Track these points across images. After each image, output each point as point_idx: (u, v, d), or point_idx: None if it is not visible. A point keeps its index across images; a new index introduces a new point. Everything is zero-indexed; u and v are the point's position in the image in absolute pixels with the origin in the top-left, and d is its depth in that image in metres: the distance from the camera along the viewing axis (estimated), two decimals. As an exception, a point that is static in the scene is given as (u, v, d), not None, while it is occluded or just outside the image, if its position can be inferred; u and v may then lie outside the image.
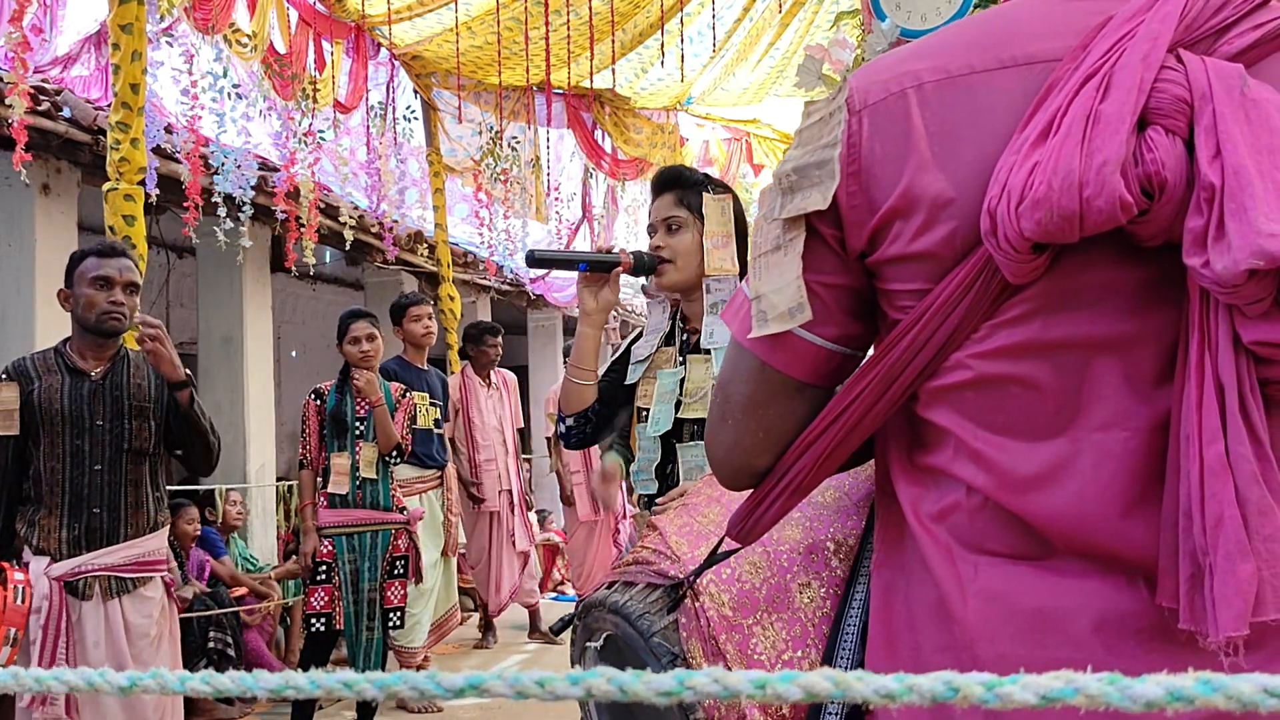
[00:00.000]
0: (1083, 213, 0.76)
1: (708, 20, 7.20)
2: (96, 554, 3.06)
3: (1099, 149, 0.76)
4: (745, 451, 0.97)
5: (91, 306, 3.12)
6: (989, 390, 0.85)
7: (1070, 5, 0.88)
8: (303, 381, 6.08)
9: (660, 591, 1.14)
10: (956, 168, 0.84)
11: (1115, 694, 0.50)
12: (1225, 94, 0.77)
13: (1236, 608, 0.76)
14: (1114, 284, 0.82)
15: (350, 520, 4.73)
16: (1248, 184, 0.74)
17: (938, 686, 0.52)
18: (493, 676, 0.53)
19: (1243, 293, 0.75)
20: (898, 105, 0.87)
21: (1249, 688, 0.47)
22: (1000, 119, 0.83)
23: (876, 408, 0.90)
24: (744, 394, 0.96)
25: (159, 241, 7.72)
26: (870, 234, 0.88)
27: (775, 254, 0.91)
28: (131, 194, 3.78)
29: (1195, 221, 0.76)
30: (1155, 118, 0.78)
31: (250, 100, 5.98)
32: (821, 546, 1.11)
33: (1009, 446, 0.85)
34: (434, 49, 7.24)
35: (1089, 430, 0.83)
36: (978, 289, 0.83)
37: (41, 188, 5.63)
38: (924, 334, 0.86)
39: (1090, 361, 0.83)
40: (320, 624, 4.64)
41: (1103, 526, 0.82)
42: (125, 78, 3.79)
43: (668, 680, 0.53)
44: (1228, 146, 0.75)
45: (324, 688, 0.57)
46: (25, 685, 0.64)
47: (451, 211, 8.54)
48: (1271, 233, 0.72)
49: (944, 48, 0.89)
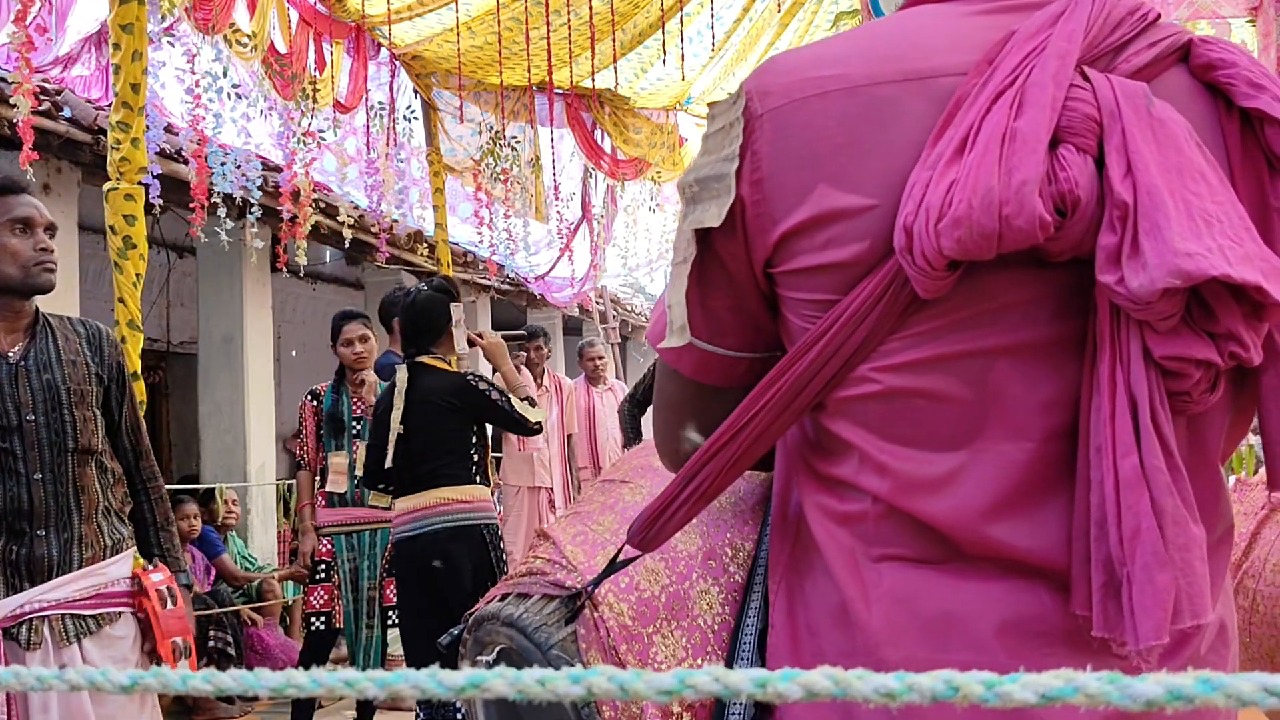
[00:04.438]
0: (1002, 231, 0.76)
1: (708, 20, 7.20)
2: (43, 588, 2.37)
3: (1017, 167, 0.76)
4: (677, 440, 1.00)
5: (15, 257, 2.40)
6: (895, 403, 0.85)
7: (970, 20, 0.87)
8: (303, 381, 6.08)
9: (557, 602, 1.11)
10: (864, 180, 0.83)
11: (1115, 693, 0.50)
12: (1133, 113, 0.78)
13: (1156, 617, 0.76)
14: (1019, 298, 0.83)
15: (349, 519, 4.73)
16: (1160, 203, 0.75)
17: (938, 685, 0.52)
18: (494, 675, 0.53)
19: (1155, 309, 0.76)
20: (801, 113, 0.85)
21: (1249, 687, 0.47)
22: (906, 131, 0.83)
23: (782, 417, 0.89)
24: (668, 392, 1.00)
25: (159, 241, 7.72)
26: (774, 244, 0.87)
27: (681, 265, 0.90)
28: (132, 194, 3.78)
29: (1108, 239, 0.77)
30: (1067, 136, 0.78)
31: (250, 100, 5.99)
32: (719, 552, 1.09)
33: (913, 457, 0.85)
34: (434, 49, 7.24)
35: (991, 440, 0.84)
36: (886, 302, 0.83)
37: (42, 187, 5.62)
38: (831, 346, 0.85)
39: (993, 373, 0.83)
40: (320, 623, 4.65)
41: (1003, 532, 0.83)
42: (126, 78, 3.79)
43: (668, 679, 0.53)
44: (1139, 165, 0.76)
45: (325, 686, 0.57)
46: (26, 684, 0.64)
47: (454, 211, 8.54)
48: (1187, 252, 0.73)
49: (845, 56, 0.87)
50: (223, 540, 6.28)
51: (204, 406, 7.48)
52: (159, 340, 8.46)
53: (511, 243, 8.91)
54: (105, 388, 2.57)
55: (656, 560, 1.09)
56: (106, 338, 2.61)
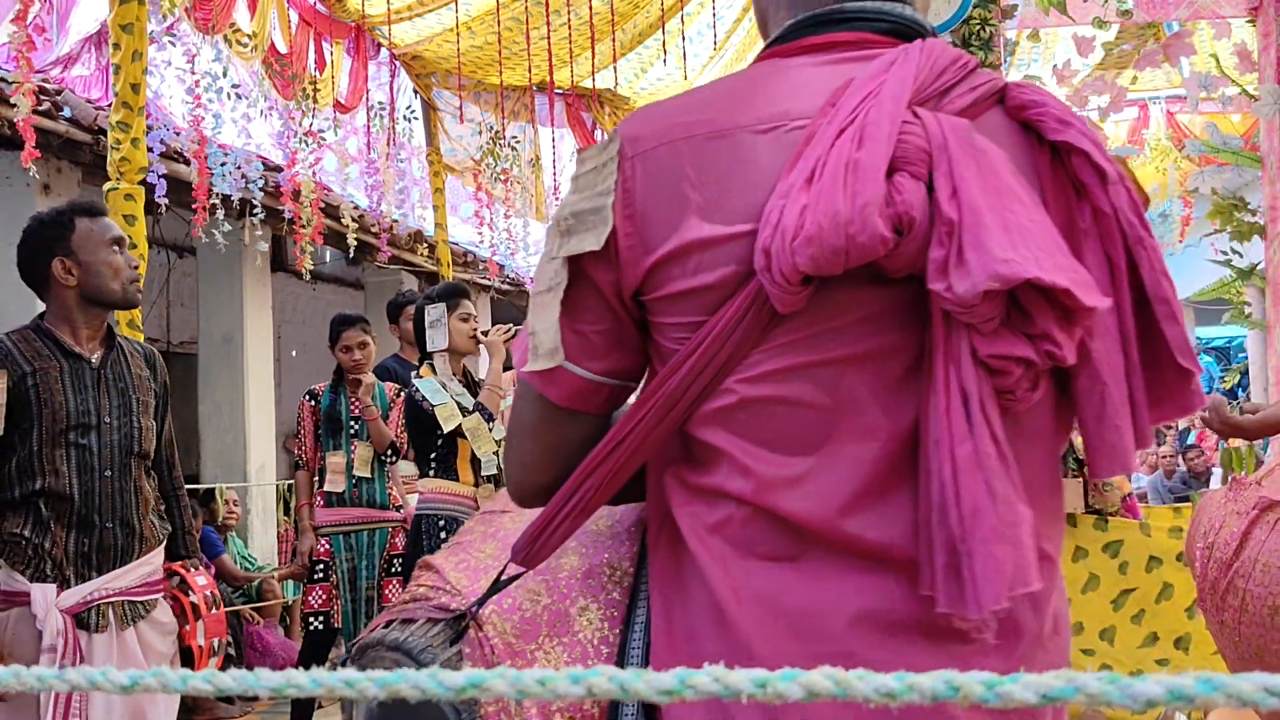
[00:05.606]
0: (848, 248, 0.86)
1: (708, 20, 7.20)
2: (109, 577, 2.62)
3: (860, 192, 0.86)
4: (529, 469, 1.06)
5: (117, 274, 2.66)
6: (758, 410, 0.94)
7: (815, 69, 0.99)
8: (303, 381, 6.09)
9: (442, 625, 1.16)
10: (727, 213, 0.93)
11: (1116, 693, 0.50)
12: (957, 144, 0.89)
13: (996, 585, 0.86)
14: (866, 310, 0.93)
15: (347, 519, 4.73)
16: (982, 220, 0.86)
17: (938, 685, 0.52)
18: (494, 675, 0.53)
19: (978, 312, 0.86)
20: (669, 154, 0.95)
21: (1249, 686, 0.47)
22: (762, 168, 0.93)
23: (657, 431, 0.97)
24: (526, 419, 1.05)
25: (159, 241, 7.73)
26: (645, 273, 0.96)
27: (548, 294, 0.98)
28: (132, 194, 3.78)
29: (938, 253, 0.87)
30: (902, 165, 0.89)
31: (251, 100, 5.99)
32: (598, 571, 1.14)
33: (774, 459, 0.94)
34: (434, 49, 7.24)
35: (843, 441, 0.93)
36: (749, 319, 0.92)
37: (42, 188, 5.62)
38: (701, 362, 0.94)
39: (845, 379, 0.93)
40: (319, 623, 4.65)
41: (856, 525, 0.92)
42: (126, 78, 3.79)
43: (669, 679, 0.53)
44: (963, 188, 0.87)
45: (325, 686, 0.57)
46: (27, 684, 0.64)
47: (456, 211, 8.54)
48: (1005, 259, 0.84)
49: (708, 104, 0.98)
50: (223, 540, 6.28)
51: (204, 406, 7.48)
52: (159, 340, 8.46)
53: (511, 243, 8.91)
54: (159, 402, 2.86)
55: (537, 581, 1.14)
56: (157, 359, 2.93)
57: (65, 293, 2.69)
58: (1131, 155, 9.13)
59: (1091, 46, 3.96)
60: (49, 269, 2.67)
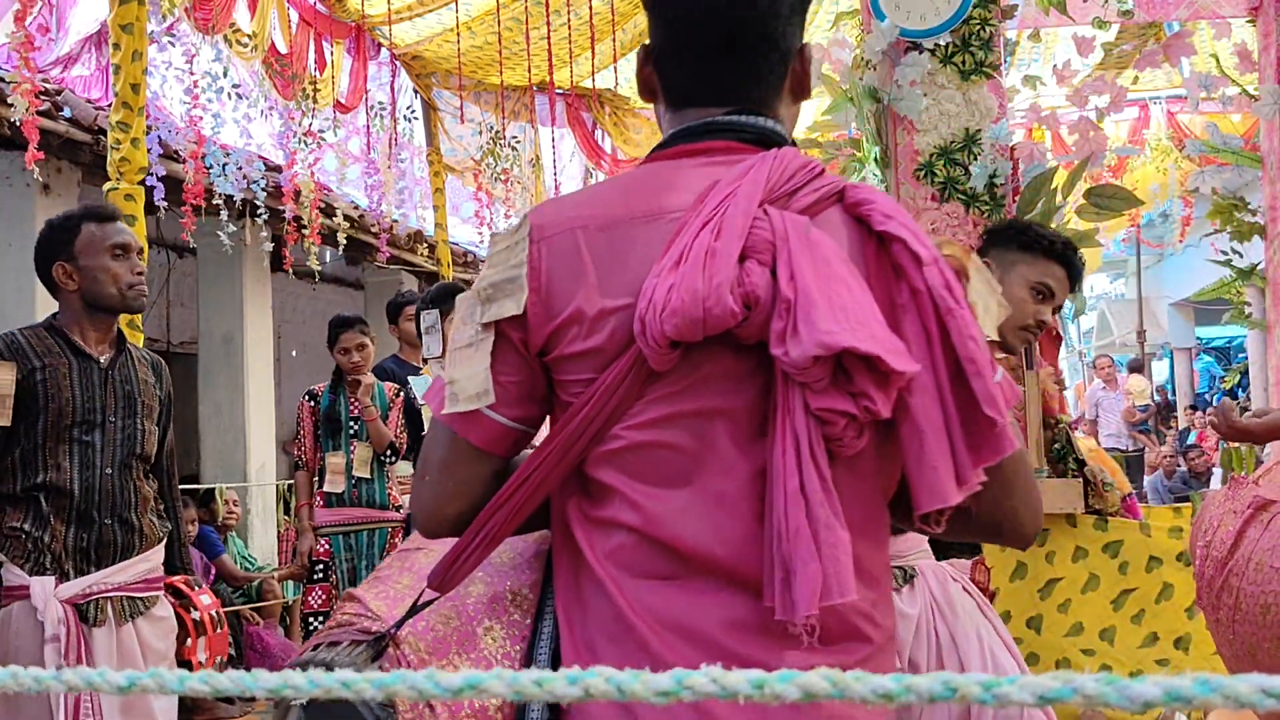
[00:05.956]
0: (706, 319, 1.06)
1: (708, 20, 7.19)
2: (108, 572, 2.66)
3: (715, 274, 1.06)
4: (440, 502, 1.21)
5: (115, 280, 2.70)
6: (642, 452, 1.13)
7: (690, 170, 1.19)
8: (303, 381, 6.09)
9: (364, 646, 1.32)
10: (613, 288, 1.13)
11: (1113, 694, 0.50)
12: (796, 237, 1.09)
13: (808, 595, 1.04)
14: (725, 369, 1.12)
15: (347, 519, 4.74)
16: (812, 299, 1.06)
17: (936, 686, 0.52)
18: (491, 676, 0.53)
19: (810, 373, 1.05)
20: (569, 240, 1.15)
21: (1247, 688, 0.47)
22: (644, 252, 1.13)
23: (557, 470, 1.15)
24: (439, 458, 1.21)
25: (159, 241, 7.73)
26: (548, 336, 1.15)
27: (468, 349, 1.17)
28: (132, 194, 3.78)
29: (778, 325, 1.07)
30: (751, 253, 1.09)
31: (251, 100, 5.99)
32: (502, 596, 1.31)
33: (657, 494, 1.12)
34: (434, 49, 7.24)
35: (709, 479, 1.12)
36: (631, 376, 1.11)
37: (42, 188, 5.63)
38: (593, 411, 1.12)
39: (709, 428, 1.12)
40: (319, 623, 4.65)
41: (721, 551, 1.11)
42: (126, 78, 3.79)
43: (665, 680, 0.53)
44: (798, 273, 1.07)
45: (324, 686, 0.57)
46: (25, 685, 0.64)
47: (457, 210, 8.54)
48: (828, 331, 1.03)
49: (603, 200, 1.20)
50: (223, 540, 6.28)
51: (204, 407, 7.48)
52: (159, 340, 8.46)
53: (512, 243, 8.88)
54: (162, 409, 2.92)
55: (448, 606, 1.30)
56: (163, 368, 2.98)
57: (69, 296, 2.75)
58: (1132, 155, 9.12)
59: (1091, 46, 3.96)
60: (51, 273, 2.74)
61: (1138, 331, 12.69)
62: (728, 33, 1.22)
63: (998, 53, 3.74)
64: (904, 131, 3.74)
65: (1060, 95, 4.58)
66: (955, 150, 3.69)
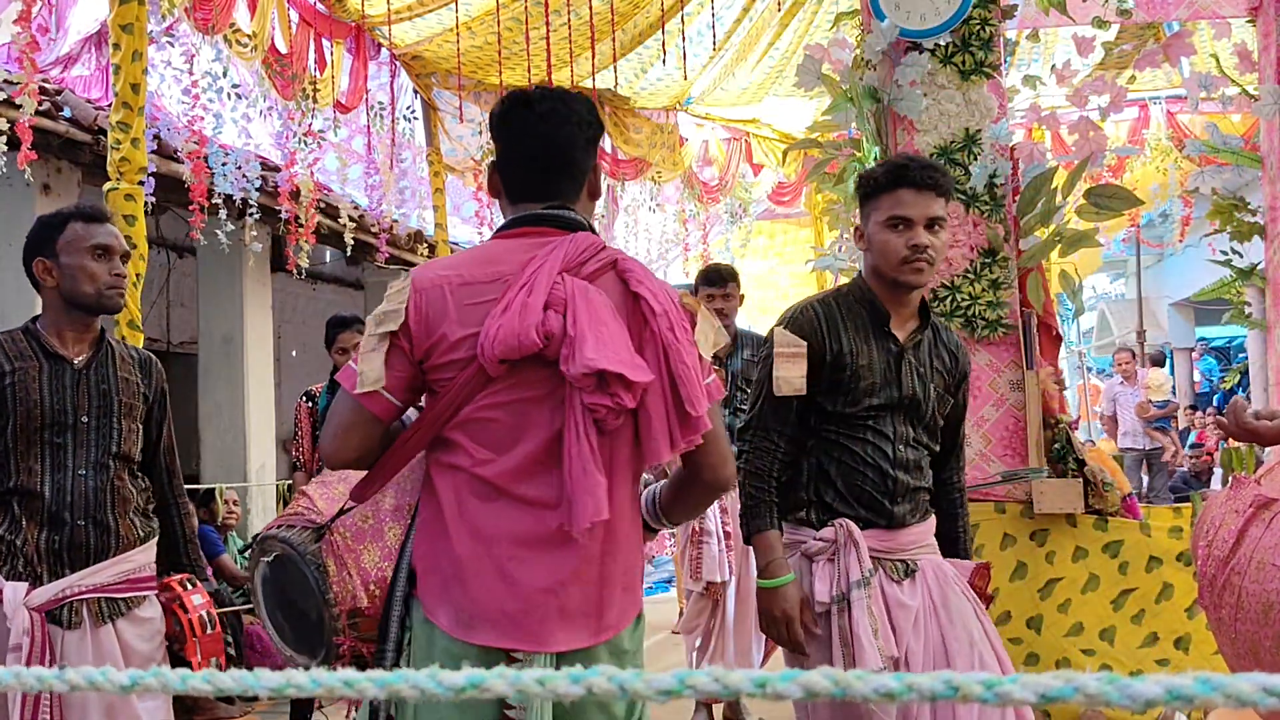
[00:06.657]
0: (519, 346, 1.71)
1: (708, 20, 7.20)
2: (84, 573, 2.64)
3: (527, 319, 1.72)
4: (341, 448, 1.84)
5: (92, 279, 2.70)
6: (481, 424, 1.78)
7: (518, 247, 1.83)
8: (303, 381, 6.10)
9: (310, 530, 2.17)
10: (468, 322, 1.76)
11: (1115, 693, 0.50)
12: (580, 296, 1.75)
13: (586, 515, 1.71)
14: (535, 376, 1.76)
15: (349, 520, 4.73)
16: (585, 336, 1.71)
17: (938, 685, 0.52)
18: (494, 675, 0.53)
19: (583, 382, 1.71)
20: (438, 291, 1.79)
21: (1248, 687, 0.47)
22: (486, 301, 1.77)
23: (429, 432, 1.81)
24: (347, 418, 1.82)
25: (159, 241, 7.73)
26: (426, 350, 1.79)
27: (372, 352, 1.79)
28: (132, 194, 3.78)
29: (565, 352, 1.72)
30: (551, 305, 1.74)
31: (250, 100, 5.99)
32: (402, 506, 2.10)
33: (485, 451, 1.78)
34: (434, 49, 7.24)
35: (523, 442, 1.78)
36: (477, 378, 1.76)
37: (42, 187, 5.63)
38: (452, 398, 1.78)
39: (524, 410, 1.78)
40: (320, 624, 4.65)
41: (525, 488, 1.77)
42: (126, 78, 3.79)
43: (668, 679, 0.53)
44: (578, 319, 1.72)
45: (325, 686, 0.57)
46: (26, 685, 0.64)
47: (457, 210, 8.54)
48: (591, 357, 1.69)
49: (462, 265, 1.84)
50: (223, 540, 6.28)
51: (204, 406, 7.48)
52: (159, 340, 8.46)
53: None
54: (149, 407, 2.90)
55: (369, 509, 2.13)
56: (155, 365, 2.97)
57: (49, 293, 2.77)
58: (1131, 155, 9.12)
59: (1091, 46, 3.96)
60: (32, 269, 2.77)
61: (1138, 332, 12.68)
62: (545, 156, 1.89)
63: (998, 53, 3.74)
64: (904, 131, 3.74)
65: (1060, 95, 4.58)
66: (955, 150, 3.70)
